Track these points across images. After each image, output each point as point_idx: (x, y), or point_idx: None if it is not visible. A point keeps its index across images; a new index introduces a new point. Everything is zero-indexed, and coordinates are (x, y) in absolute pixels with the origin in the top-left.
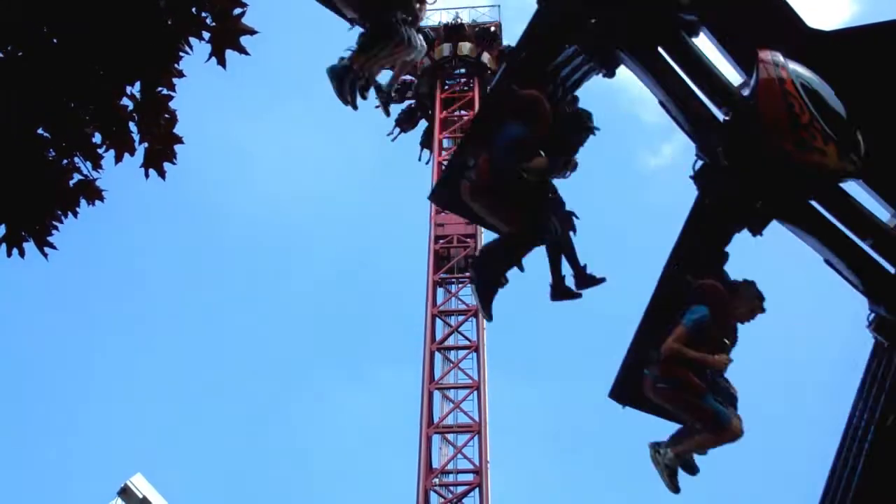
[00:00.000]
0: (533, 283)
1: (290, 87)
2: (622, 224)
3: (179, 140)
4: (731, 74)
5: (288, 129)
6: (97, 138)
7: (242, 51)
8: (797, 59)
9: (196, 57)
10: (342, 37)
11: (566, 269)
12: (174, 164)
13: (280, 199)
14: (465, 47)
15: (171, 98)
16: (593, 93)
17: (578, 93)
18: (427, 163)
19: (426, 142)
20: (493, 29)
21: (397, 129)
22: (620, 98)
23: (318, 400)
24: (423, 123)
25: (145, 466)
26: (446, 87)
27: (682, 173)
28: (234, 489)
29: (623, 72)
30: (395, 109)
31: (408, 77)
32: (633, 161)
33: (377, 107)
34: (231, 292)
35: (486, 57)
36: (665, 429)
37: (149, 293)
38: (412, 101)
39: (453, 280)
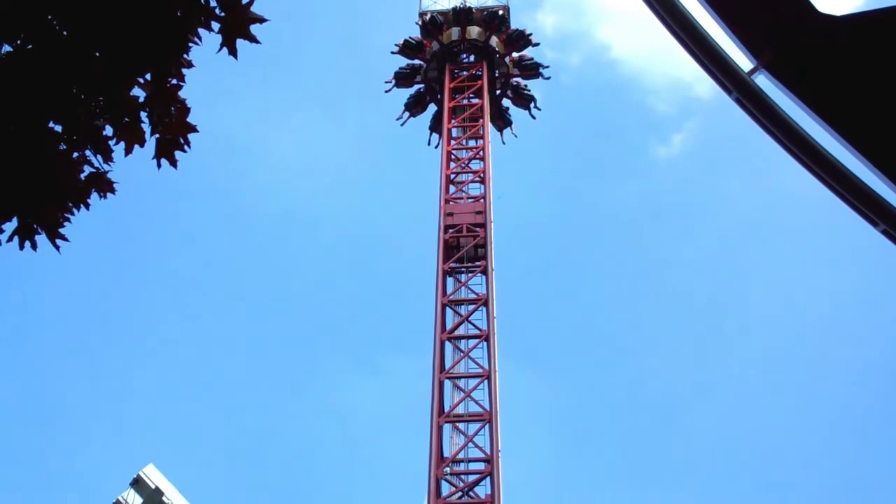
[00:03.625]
0: (543, 273)
1: (299, 76)
2: (633, 213)
3: (193, 129)
4: (742, 59)
5: (297, 117)
6: (108, 130)
7: (253, 39)
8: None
9: (206, 46)
10: (350, 24)
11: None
12: (186, 152)
13: (290, 188)
14: (474, 31)
15: (180, 88)
16: (604, 83)
17: (594, 87)
18: (436, 147)
19: (435, 126)
20: (501, 12)
21: (406, 114)
22: (631, 89)
23: (329, 389)
24: (432, 107)
25: (158, 457)
26: (456, 75)
27: (692, 162)
28: (245, 478)
29: (635, 62)
30: (405, 94)
31: (417, 61)
32: (644, 150)
33: (387, 91)
34: (242, 283)
35: (494, 40)
36: (678, 416)
37: (160, 285)
38: (421, 86)
39: (463, 269)
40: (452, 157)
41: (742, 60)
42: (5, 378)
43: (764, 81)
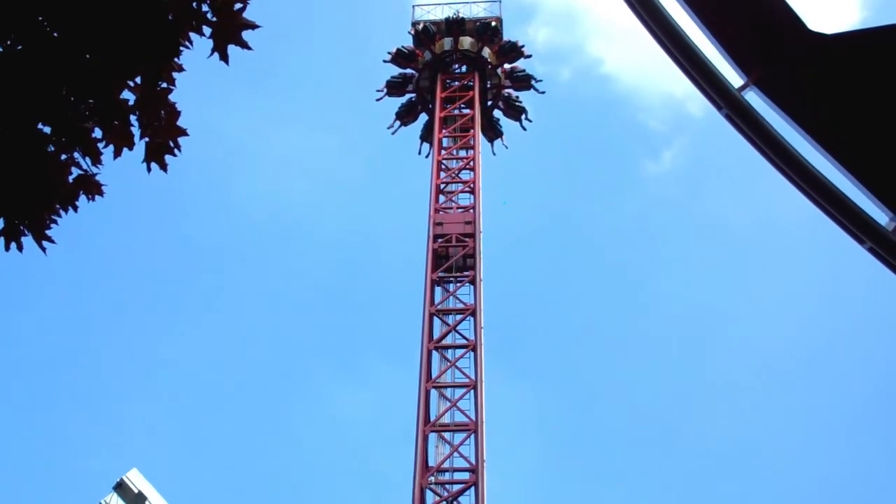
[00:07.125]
0: (531, 284)
1: (289, 82)
2: (621, 226)
3: (183, 132)
4: (732, 76)
5: (287, 123)
6: (97, 133)
7: (244, 45)
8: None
9: (197, 50)
10: (342, 32)
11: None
12: (176, 156)
13: (278, 196)
14: (466, 41)
15: (170, 92)
16: (596, 98)
17: (585, 101)
18: (427, 156)
19: (426, 135)
20: (493, 24)
21: (398, 123)
22: (623, 105)
23: (314, 397)
24: (423, 117)
25: (141, 461)
26: (447, 85)
27: (682, 178)
28: (229, 484)
29: (627, 78)
30: (396, 103)
31: (409, 70)
32: (634, 166)
33: (378, 99)
34: (228, 289)
35: (486, 51)
36: (667, 428)
37: (146, 288)
38: (413, 95)
39: (451, 279)
40: (443, 166)
41: (732, 77)
42: None
43: (753, 98)
